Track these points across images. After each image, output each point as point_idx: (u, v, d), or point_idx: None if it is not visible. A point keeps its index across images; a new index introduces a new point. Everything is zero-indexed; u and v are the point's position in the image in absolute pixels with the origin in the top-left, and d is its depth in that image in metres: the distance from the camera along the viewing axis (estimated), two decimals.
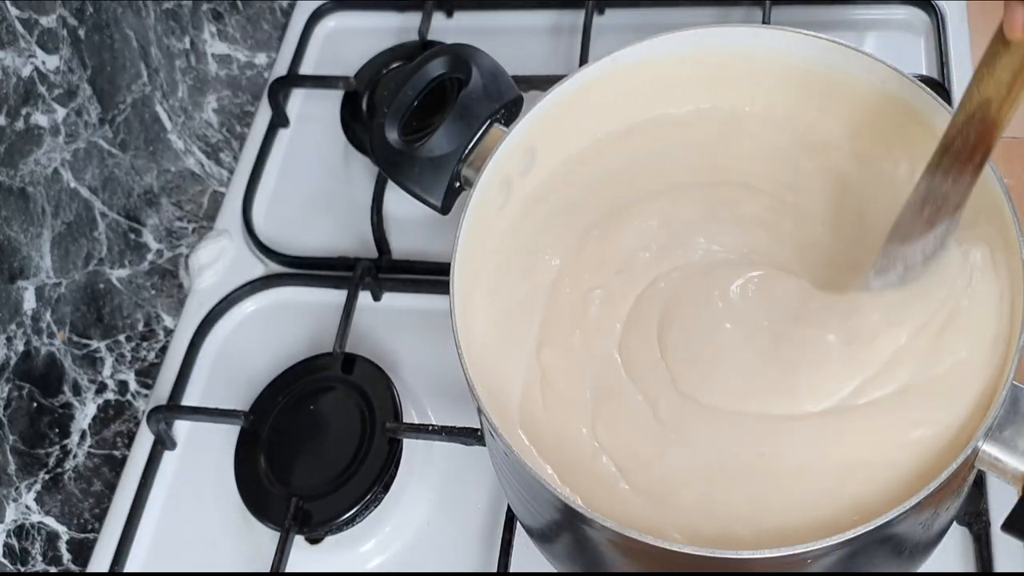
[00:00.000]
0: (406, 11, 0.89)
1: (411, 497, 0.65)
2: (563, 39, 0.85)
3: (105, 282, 0.72)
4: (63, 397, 0.68)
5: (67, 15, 0.66)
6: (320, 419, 0.67)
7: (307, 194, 0.82)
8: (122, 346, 0.73)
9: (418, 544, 0.65)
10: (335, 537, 0.64)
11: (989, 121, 0.42)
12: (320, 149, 0.84)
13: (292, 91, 0.87)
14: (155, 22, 0.76)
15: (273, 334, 0.75)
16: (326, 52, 0.90)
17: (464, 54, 0.59)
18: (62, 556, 0.67)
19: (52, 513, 0.66)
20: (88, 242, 0.70)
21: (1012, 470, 0.44)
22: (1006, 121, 0.42)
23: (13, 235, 0.63)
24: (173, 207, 0.79)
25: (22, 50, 0.63)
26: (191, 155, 0.81)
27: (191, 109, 0.81)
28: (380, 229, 0.76)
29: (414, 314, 0.73)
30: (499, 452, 0.51)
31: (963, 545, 0.58)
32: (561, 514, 0.48)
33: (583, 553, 0.50)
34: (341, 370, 0.68)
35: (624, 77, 0.58)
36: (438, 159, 0.57)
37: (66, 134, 0.67)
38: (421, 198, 0.58)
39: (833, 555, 0.43)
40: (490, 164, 0.54)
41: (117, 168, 0.73)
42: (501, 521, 0.62)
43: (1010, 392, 0.44)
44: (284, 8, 0.93)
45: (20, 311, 0.64)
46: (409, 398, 0.68)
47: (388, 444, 0.65)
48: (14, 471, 0.63)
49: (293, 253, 0.78)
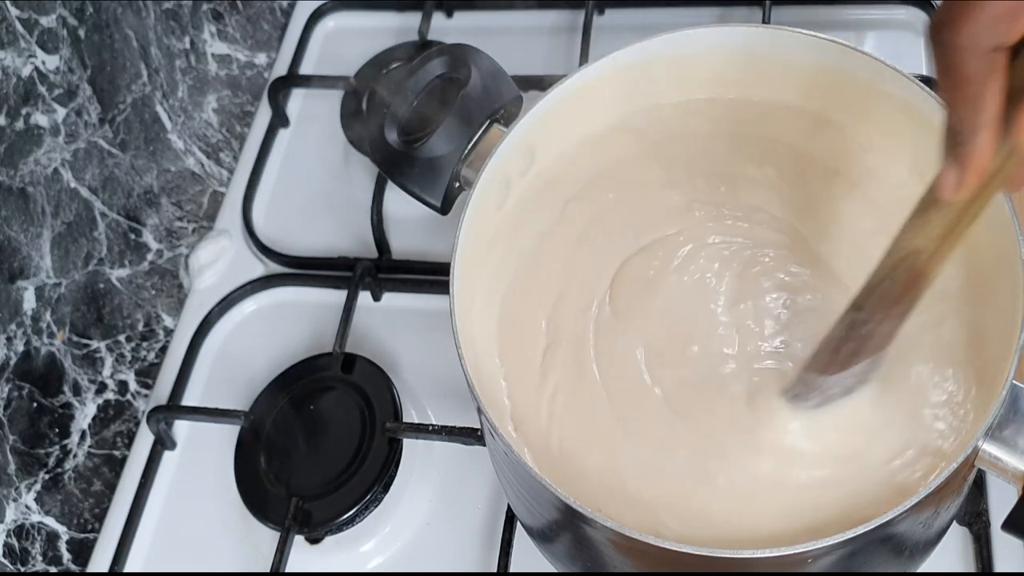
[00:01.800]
0: (406, 11, 0.89)
1: (411, 497, 0.65)
2: (563, 39, 0.85)
3: (105, 282, 0.72)
4: (63, 397, 0.68)
5: (67, 15, 0.66)
6: (320, 419, 0.66)
7: (307, 194, 0.82)
8: (122, 346, 0.73)
9: (418, 544, 0.65)
10: (335, 537, 0.64)
11: (917, 270, 0.41)
12: (320, 149, 0.84)
13: (292, 91, 0.87)
14: (155, 22, 0.76)
15: (273, 334, 0.75)
16: (326, 52, 0.90)
17: (464, 54, 0.59)
18: (62, 556, 0.67)
19: (52, 513, 0.66)
20: (88, 242, 0.70)
21: (1012, 469, 0.44)
22: (935, 272, 0.41)
23: (13, 235, 0.63)
24: (173, 207, 0.79)
25: (22, 50, 0.63)
26: (191, 155, 0.81)
27: (191, 109, 0.81)
28: (380, 229, 0.76)
29: (414, 314, 0.73)
30: (499, 452, 0.51)
31: (963, 545, 0.58)
32: (561, 514, 0.48)
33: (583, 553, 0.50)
34: (341, 370, 0.68)
35: (624, 77, 0.58)
36: (438, 159, 0.57)
37: (66, 134, 0.67)
38: (421, 198, 0.58)
39: (833, 555, 0.43)
40: (490, 164, 0.54)
41: (117, 168, 0.73)
42: (501, 521, 0.62)
43: (1010, 392, 0.44)
44: (284, 8, 0.93)
45: (20, 311, 0.64)
46: (409, 398, 0.68)
47: (388, 444, 0.65)
48: (14, 471, 0.63)
49: (293, 253, 0.78)
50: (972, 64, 0.34)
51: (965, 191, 0.37)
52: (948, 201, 0.38)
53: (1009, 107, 0.35)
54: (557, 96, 0.56)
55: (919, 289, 0.42)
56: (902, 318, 0.44)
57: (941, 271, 0.41)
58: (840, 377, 0.46)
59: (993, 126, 0.35)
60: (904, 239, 0.41)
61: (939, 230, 0.39)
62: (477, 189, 0.54)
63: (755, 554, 0.42)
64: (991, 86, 0.34)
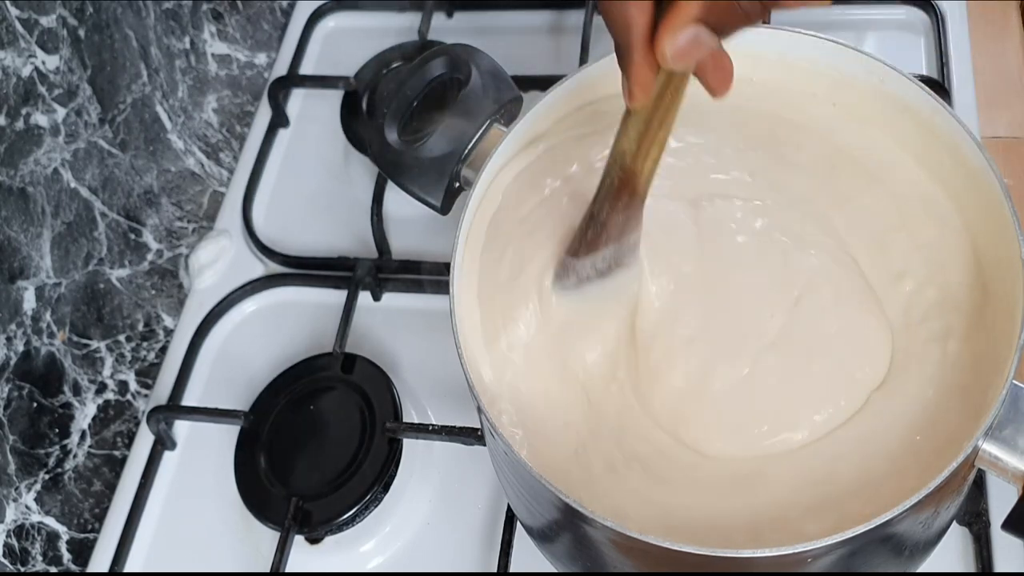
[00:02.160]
0: (406, 11, 0.89)
1: (411, 497, 0.65)
2: (563, 39, 0.85)
3: (105, 282, 0.72)
4: (63, 397, 0.68)
5: (67, 15, 0.66)
6: (320, 419, 0.66)
7: (307, 194, 0.82)
8: (122, 346, 0.73)
9: (418, 544, 0.65)
10: (335, 537, 0.64)
11: (627, 169, 0.46)
12: (320, 149, 0.84)
13: (292, 91, 0.87)
14: (155, 22, 0.76)
15: (273, 334, 0.75)
16: (326, 52, 0.90)
17: (464, 54, 0.59)
18: (62, 556, 0.67)
19: (52, 513, 0.66)
20: (88, 242, 0.70)
21: (1012, 469, 0.44)
22: (645, 171, 0.46)
23: (13, 235, 0.63)
24: (173, 207, 0.79)
25: (22, 50, 0.63)
26: (191, 155, 0.81)
27: (191, 109, 0.81)
28: (380, 229, 0.76)
29: (414, 314, 0.73)
30: (499, 452, 0.51)
31: (963, 545, 0.58)
32: (561, 514, 0.48)
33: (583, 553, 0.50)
34: (341, 370, 0.68)
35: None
36: (438, 159, 0.57)
37: (66, 134, 0.67)
38: (421, 198, 0.58)
39: (833, 554, 0.43)
40: (490, 164, 0.54)
41: (117, 168, 0.73)
42: (501, 521, 0.62)
43: (1010, 391, 0.44)
44: (284, 8, 0.93)
45: (20, 311, 0.64)
46: (409, 398, 0.68)
47: (388, 444, 0.65)
48: (14, 471, 0.63)
49: (293, 253, 0.78)
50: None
51: (639, 101, 0.42)
52: (633, 108, 0.43)
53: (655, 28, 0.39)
54: (557, 96, 0.56)
55: (635, 185, 0.47)
56: (628, 211, 0.49)
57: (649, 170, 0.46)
58: (590, 260, 0.51)
59: (642, 46, 0.40)
60: (616, 143, 0.46)
61: (635, 133, 0.45)
62: (477, 189, 0.54)
63: (755, 554, 0.42)
64: (633, 10, 0.39)
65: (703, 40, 0.39)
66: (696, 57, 0.39)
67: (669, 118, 0.44)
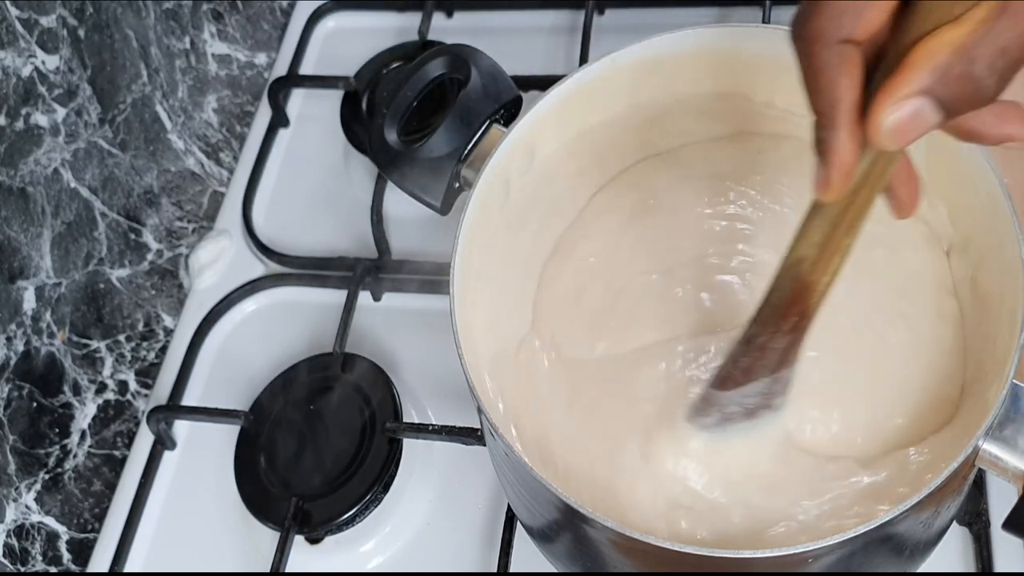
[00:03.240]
0: (406, 11, 0.89)
1: (411, 497, 0.65)
2: (563, 39, 0.85)
3: (105, 282, 0.72)
4: (63, 397, 0.68)
5: (67, 15, 0.66)
6: (320, 419, 0.66)
7: (307, 194, 0.82)
8: (122, 346, 0.73)
9: (418, 544, 0.65)
10: (335, 537, 0.64)
11: (802, 281, 0.40)
12: (320, 149, 0.84)
13: (292, 91, 0.87)
14: (155, 22, 0.76)
15: (273, 334, 0.75)
16: (326, 52, 0.90)
17: (463, 54, 0.59)
18: (62, 556, 0.67)
19: (52, 513, 0.66)
20: (88, 242, 0.70)
21: (1012, 469, 0.44)
22: (821, 285, 0.40)
23: (13, 235, 0.63)
24: (173, 207, 0.79)
25: (22, 50, 0.63)
26: (191, 155, 0.81)
27: (191, 109, 0.81)
28: (380, 229, 0.76)
29: (414, 314, 0.73)
30: (499, 452, 0.51)
31: (963, 545, 0.58)
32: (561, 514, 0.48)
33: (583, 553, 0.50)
34: (341, 370, 0.68)
35: (624, 77, 0.57)
36: (437, 159, 0.57)
37: (66, 134, 0.67)
38: (421, 198, 0.58)
39: (833, 555, 0.43)
40: (490, 164, 0.54)
41: (117, 168, 0.73)
42: (501, 521, 0.62)
43: (1010, 391, 0.44)
44: (284, 8, 0.93)
45: (20, 311, 0.64)
46: (409, 398, 0.68)
47: (388, 444, 0.65)
48: (14, 471, 0.63)
49: (293, 253, 0.78)
50: (822, 54, 0.35)
51: (834, 191, 0.36)
52: (824, 204, 0.37)
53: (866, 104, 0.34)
54: (557, 96, 0.56)
55: (807, 303, 0.41)
56: (794, 335, 0.42)
57: (827, 284, 0.40)
58: (738, 395, 0.45)
59: (850, 122, 0.35)
60: (791, 248, 0.40)
61: (819, 236, 0.38)
62: (477, 189, 0.54)
63: (755, 554, 0.42)
64: (843, 79, 0.34)
65: (926, 117, 0.33)
66: (916, 136, 0.34)
67: (859, 221, 0.38)
